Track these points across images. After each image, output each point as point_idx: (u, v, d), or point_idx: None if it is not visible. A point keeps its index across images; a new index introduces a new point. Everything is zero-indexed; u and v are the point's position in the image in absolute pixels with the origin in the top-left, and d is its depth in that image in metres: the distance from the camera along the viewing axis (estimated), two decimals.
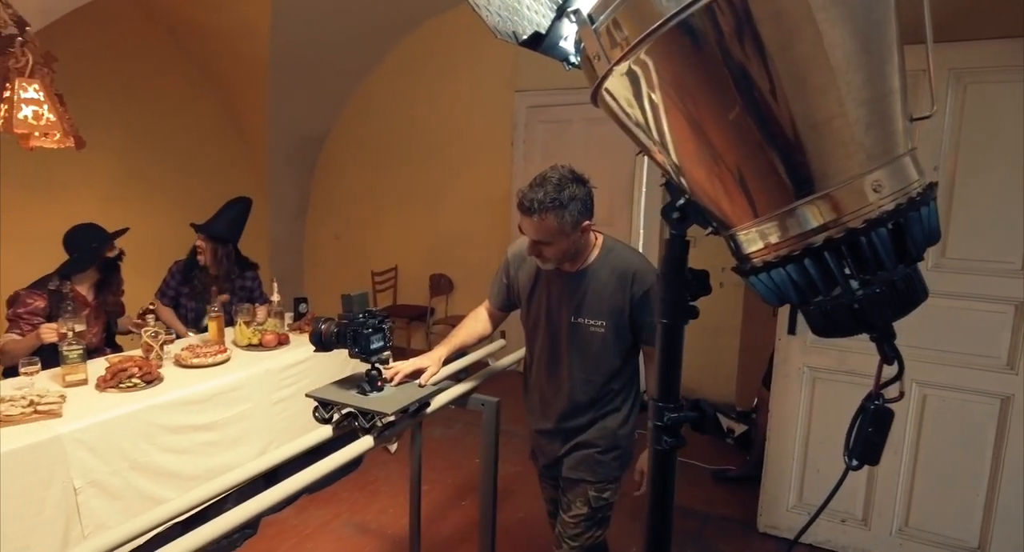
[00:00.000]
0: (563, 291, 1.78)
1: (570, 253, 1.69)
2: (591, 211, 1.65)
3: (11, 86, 2.01)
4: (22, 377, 2.36)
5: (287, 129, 5.39)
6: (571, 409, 1.84)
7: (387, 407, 1.62)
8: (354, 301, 1.73)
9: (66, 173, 4.20)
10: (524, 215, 1.62)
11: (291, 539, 2.73)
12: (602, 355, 1.77)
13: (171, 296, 3.36)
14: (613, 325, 1.73)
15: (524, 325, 1.94)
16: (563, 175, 1.60)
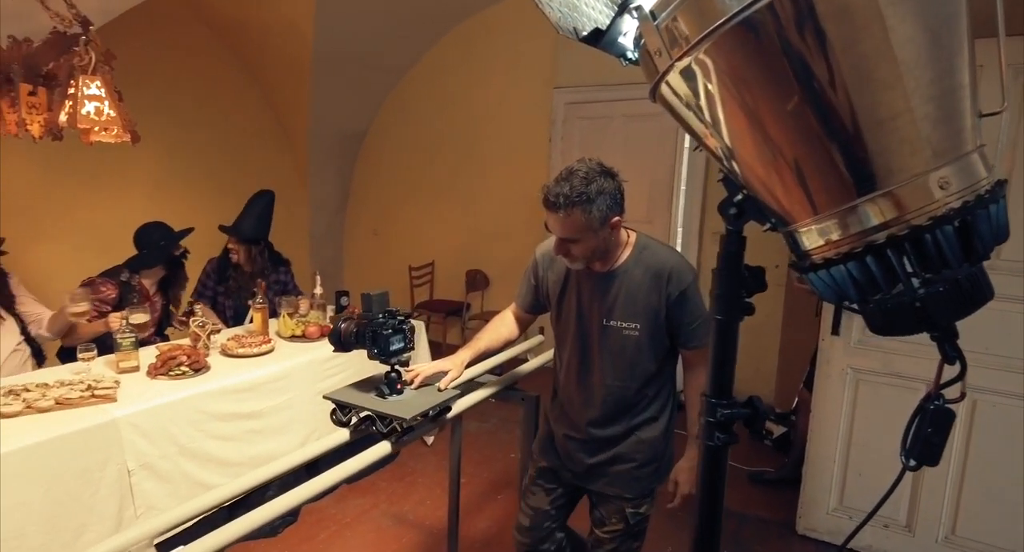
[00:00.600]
0: (594, 292, 1.69)
1: (600, 251, 1.59)
2: (621, 206, 1.55)
3: (75, 83, 2.10)
4: (79, 362, 2.46)
5: (328, 126, 5.48)
6: (603, 417, 1.75)
7: (405, 412, 1.56)
8: (374, 300, 1.66)
9: (117, 167, 4.33)
10: (550, 211, 1.53)
11: (331, 527, 2.79)
12: (636, 360, 1.68)
13: (209, 296, 3.44)
14: (648, 327, 1.64)
15: (554, 328, 1.86)
16: (591, 168, 1.51)
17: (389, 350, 1.63)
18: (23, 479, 1.90)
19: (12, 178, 3.83)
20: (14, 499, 1.88)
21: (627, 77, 4.43)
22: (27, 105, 2.16)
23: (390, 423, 1.56)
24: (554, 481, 1.90)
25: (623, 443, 1.75)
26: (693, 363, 1.70)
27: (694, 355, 1.68)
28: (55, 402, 2.14)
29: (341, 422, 1.67)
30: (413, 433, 1.64)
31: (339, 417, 1.68)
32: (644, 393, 1.72)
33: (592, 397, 1.75)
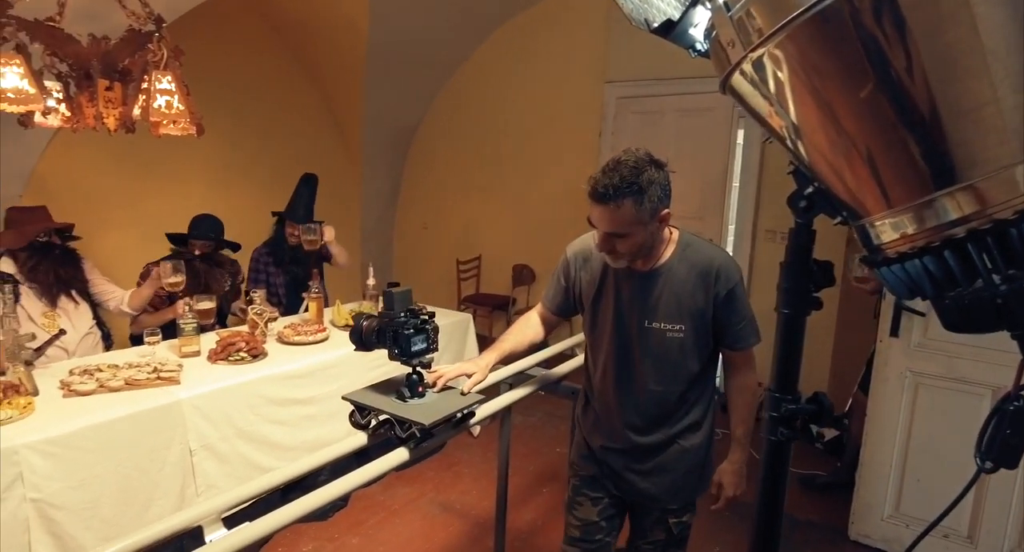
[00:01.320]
0: (635, 293, 1.59)
1: (646, 247, 1.51)
2: (669, 196, 1.48)
3: (148, 78, 2.19)
4: (145, 345, 2.58)
5: (381, 121, 5.57)
6: (644, 424, 1.66)
7: (425, 417, 1.48)
8: (396, 298, 1.56)
9: (180, 160, 4.50)
10: (596, 203, 1.44)
11: (379, 513, 2.85)
12: (680, 362, 1.60)
13: (263, 280, 3.54)
14: (693, 329, 1.56)
15: (587, 332, 1.75)
16: (639, 158, 1.43)
17: (410, 351, 1.54)
18: (97, 454, 2.01)
19: (84, 170, 4.02)
20: (89, 472, 1.99)
21: (680, 71, 4.41)
22: (104, 99, 2.26)
23: (409, 428, 1.49)
24: (599, 490, 1.79)
25: (665, 452, 1.67)
26: (738, 364, 1.64)
27: (739, 356, 1.63)
28: (124, 382, 2.24)
29: (359, 425, 1.59)
30: (433, 439, 1.55)
31: (357, 419, 1.60)
32: (686, 397, 1.64)
33: (632, 403, 1.66)
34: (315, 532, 2.65)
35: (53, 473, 1.92)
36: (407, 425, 1.49)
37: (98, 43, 2.29)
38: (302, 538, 2.61)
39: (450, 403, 1.59)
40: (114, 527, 2.07)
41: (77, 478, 1.97)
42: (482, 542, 2.68)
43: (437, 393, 1.64)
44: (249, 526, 1.26)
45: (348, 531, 2.71)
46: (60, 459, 1.93)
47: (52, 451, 1.92)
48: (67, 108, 2.34)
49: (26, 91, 2.07)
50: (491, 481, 3.13)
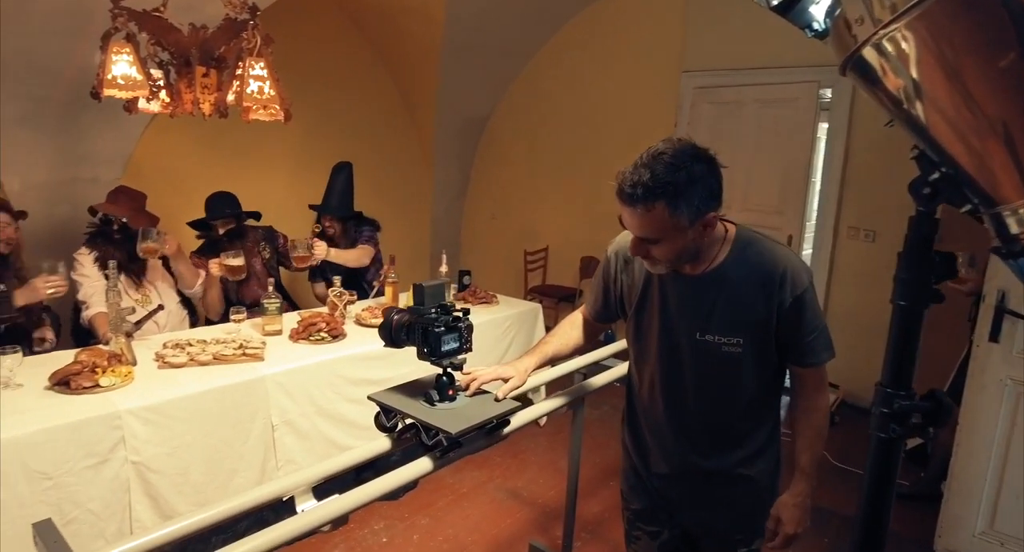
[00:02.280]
0: (684, 300, 1.39)
1: (688, 253, 1.30)
2: (719, 198, 1.25)
3: (243, 64, 2.28)
4: (231, 323, 2.69)
5: (453, 111, 5.62)
6: (697, 451, 1.46)
7: (453, 425, 1.35)
8: (427, 292, 1.44)
9: (263, 147, 4.67)
10: (624, 205, 1.24)
11: (448, 496, 2.90)
12: (739, 381, 1.38)
13: (318, 271, 3.62)
14: (753, 342, 1.34)
15: (630, 342, 1.56)
16: (679, 150, 1.21)
17: (440, 350, 1.41)
18: (189, 423, 2.12)
19: (174, 156, 4.22)
20: (181, 440, 2.10)
21: (761, 61, 4.27)
22: (201, 85, 2.37)
23: (435, 435, 1.36)
24: (655, 523, 1.61)
25: (724, 480, 1.47)
26: (807, 383, 1.42)
27: (809, 374, 1.40)
28: (213, 357, 2.35)
29: (384, 427, 1.49)
30: (462, 450, 1.42)
31: (383, 421, 1.49)
32: (747, 420, 1.44)
33: (684, 426, 1.47)
34: (386, 511, 2.71)
35: (151, 438, 2.04)
36: (433, 432, 1.36)
37: (197, 32, 2.40)
38: (374, 516, 2.68)
39: (482, 410, 1.44)
40: (202, 493, 2.18)
41: (171, 445, 2.08)
42: (549, 531, 2.68)
43: (469, 397, 1.49)
44: (338, 498, 1.29)
45: (417, 511, 2.77)
46: (157, 426, 2.05)
47: (150, 418, 2.03)
48: (167, 94, 2.46)
49: (133, 78, 2.18)
50: (557, 471, 3.15)
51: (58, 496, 1.87)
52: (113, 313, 2.30)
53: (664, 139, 1.27)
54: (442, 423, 1.35)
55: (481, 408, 1.45)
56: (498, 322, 3.28)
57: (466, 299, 3.41)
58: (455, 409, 1.43)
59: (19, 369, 2.09)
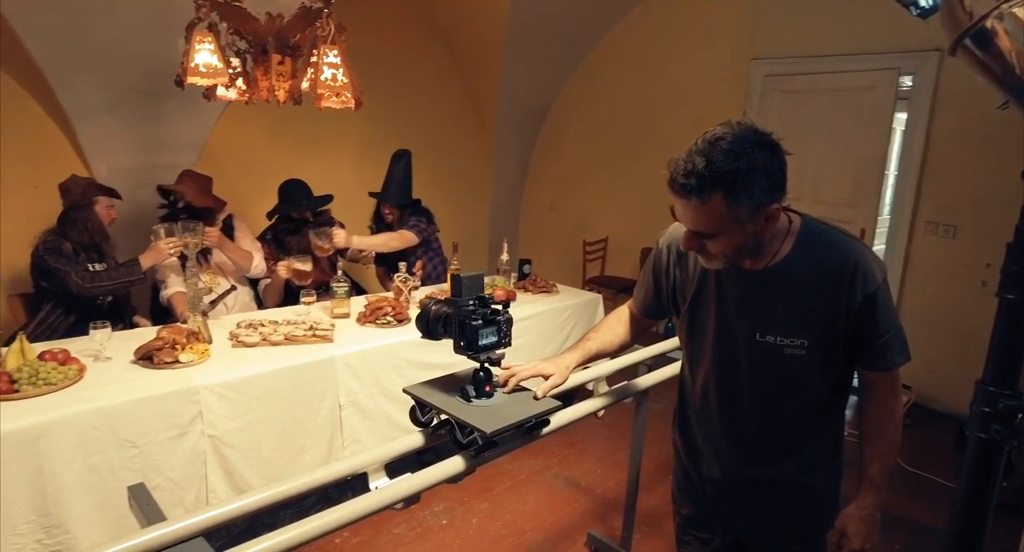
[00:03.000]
0: (743, 297, 1.28)
1: (748, 248, 1.19)
2: (783, 188, 1.13)
3: (318, 52, 2.33)
4: (301, 306, 2.77)
5: (515, 100, 5.61)
6: (756, 457, 1.37)
7: (488, 423, 1.29)
8: (464, 283, 1.39)
9: (329, 135, 4.78)
10: (677, 196, 1.14)
11: (506, 483, 2.93)
12: (801, 385, 1.28)
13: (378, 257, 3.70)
14: (819, 344, 1.23)
15: (683, 341, 1.46)
16: (740, 135, 1.09)
17: (478, 344, 1.35)
18: (261, 400, 2.19)
19: (245, 143, 4.36)
20: (254, 416, 2.18)
21: (836, 47, 4.10)
22: (276, 73, 2.43)
23: (470, 433, 1.31)
24: (706, 530, 1.55)
25: (782, 489, 1.38)
26: (878, 388, 1.30)
27: (881, 379, 1.29)
28: (284, 337, 2.43)
29: (419, 422, 1.46)
30: (497, 449, 1.37)
31: (417, 416, 1.47)
32: (809, 426, 1.34)
33: (740, 431, 1.37)
34: (446, 493, 2.76)
35: (225, 414, 2.12)
36: (468, 430, 1.31)
37: (273, 20, 2.46)
38: (435, 498, 2.72)
39: (520, 408, 1.38)
40: (272, 468, 2.26)
41: (244, 421, 2.17)
42: (607, 521, 2.68)
43: (508, 394, 1.43)
44: (410, 477, 1.32)
45: (477, 495, 2.80)
46: (231, 402, 2.13)
47: (225, 394, 2.12)
48: (244, 82, 2.53)
49: (214, 66, 2.26)
50: (615, 462, 3.13)
51: (143, 464, 1.97)
52: (192, 293, 2.40)
53: (722, 122, 1.13)
54: (477, 421, 1.30)
55: (519, 406, 1.38)
56: (558, 311, 3.27)
57: (526, 288, 3.42)
58: (492, 406, 1.38)
59: (108, 343, 2.21)
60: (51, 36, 3.04)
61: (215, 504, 1.34)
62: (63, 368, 2.01)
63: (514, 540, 2.55)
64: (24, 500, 1.79)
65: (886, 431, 1.31)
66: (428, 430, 1.45)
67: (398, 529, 2.56)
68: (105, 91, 3.41)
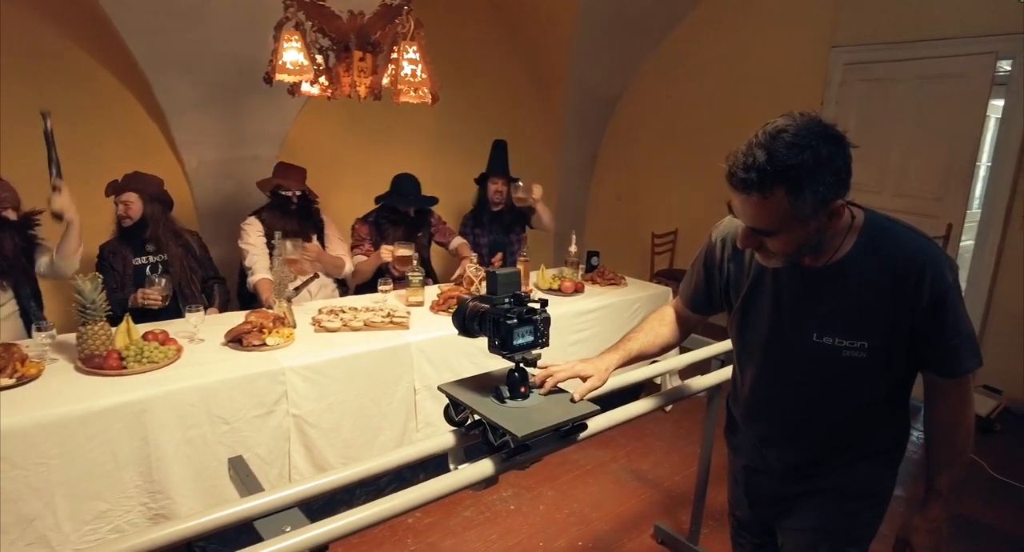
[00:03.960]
0: (800, 295, 1.22)
1: (810, 245, 1.13)
2: (847, 183, 1.08)
3: (398, 48, 2.40)
4: (379, 293, 2.88)
5: (585, 90, 5.59)
6: (806, 463, 1.33)
7: (521, 426, 1.24)
8: (500, 281, 1.34)
9: (403, 128, 4.89)
10: (736, 191, 1.09)
11: (572, 471, 2.96)
12: (860, 390, 1.22)
13: (468, 235, 3.83)
14: (880, 347, 1.17)
15: (733, 338, 1.41)
16: (803, 127, 1.04)
17: (512, 343, 1.31)
18: (342, 383, 2.30)
19: (323, 137, 4.52)
20: (335, 398, 2.29)
21: (925, 32, 3.90)
22: (358, 69, 2.53)
23: (503, 435, 1.27)
24: (758, 534, 1.54)
25: (838, 496, 1.33)
26: (947, 394, 1.23)
27: (951, 385, 1.22)
28: (364, 324, 2.53)
29: (453, 421, 1.43)
30: (530, 453, 1.32)
31: (451, 414, 1.44)
32: (867, 432, 1.29)
33: (792, 436, 1.33)
34: (513, 479, 2.81)
35: (309, 394, 2.24)
36: (500, 432, 1.27)
37: (355, 18, 2.55)
38: (502, 484, 2.77)
39: (556, 411, 1.33)
40: (351, 448, 2.37)
41: (326, 402, 2.28)
42: (674, 514, 2.67)
43: (544, 395, 1.38)
44: (486, 461, 1.34)
45: (543, 483, 2.85)
46: (314, 383, 2.24)
47: (309, 376, 2.23)
48: (326, 78, 2.64)
49: (301, 63, 2.37)
50: (683, 457, 3.12)
51: (233, 439, 2.11)
52: (278, 280, 2.53)
53: (784, 114, 1.08)
54: (509, 424, 1.25)
55: (554, 409, 1.33)
56: (627, 304, 3.27)
57: (594, 280, 3.43)
58: (526, 408, 1.33)
59: (201, 326, 2.36)
60: (151, 38, 3.25)
61: (301, 479, 1.41)
62: (164, 348, 2.16)
63: (580, 528, 2.58)
64: (132, 467, 1.95)
65: (955, 440, 1.25)
66: (461, 430, 1.42)
67: (467, 512, 2.64)
68: (197, 88, 3.61)
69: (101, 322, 2.13)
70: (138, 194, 2.84)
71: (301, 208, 3.20)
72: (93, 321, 2.11)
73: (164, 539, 1.12)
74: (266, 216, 3.15)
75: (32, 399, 1.86)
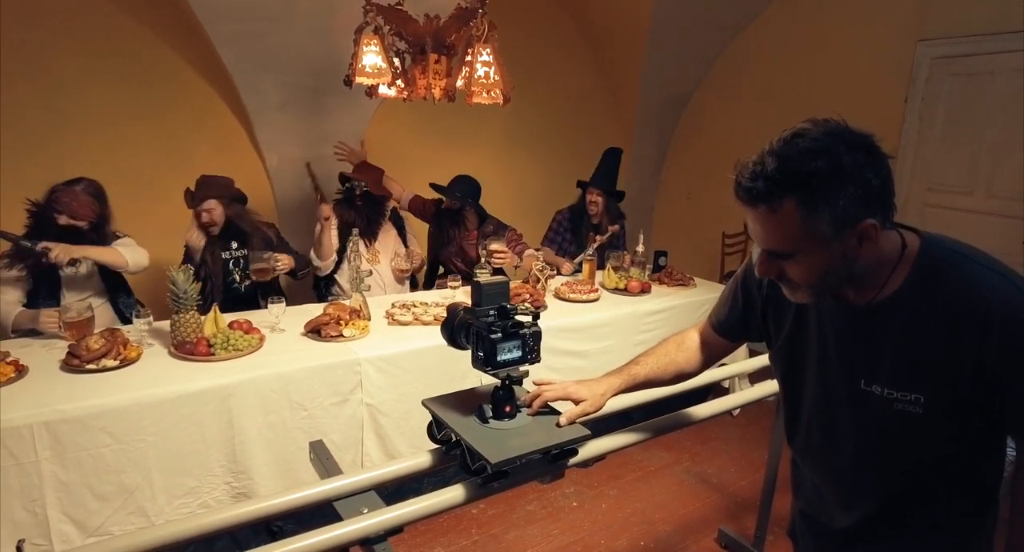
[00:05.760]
0: (844, 336, 1.06)
1: (837, 274, 0.97)
2: (883, 202, 0.92)
3: (472, 51, 2.46)
4: (448, 289, 2.96)
5: (656, 87, 5.53)
6: (866, 522, 1.14)
7: (498, 450, 1.14)
8: (484, 291, 1.24)
9: (470, 129, 4.97)
10: (743, 205, 0.97)
11: (635, 472, 2.96)
12: (919, 448, 1.03)
13: (557, 241, 3.85)
14: (941, 400, 0.97)
15: (777, 374, 1.24)
16: (825, 132, 0.92)
17: (497, 360, 1.21)
18: (412, 374, 2.39)
19: (396, 137, 4.65)
20: (406, 388, 2.38)
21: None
22: (433, 72, 2.60)
23: (478, 460, 1.17)
24: None
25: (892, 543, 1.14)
26: None
27: None
28: (434, 318, 2.61)
29: (434, 438, 1.35)
30: (509, 480, 1.20)
31: (434, 432, 1.36)
32: (936, 495, 1.07)
33: (843, 489, 1.16)
34: (576, 477, 2.84)
35: (382, 384, 2.33)
36: (477, 456, 1.17)
37: (431, 22, 2.63)
38: (565, 480, 2.80)
39: (540, 435, 1.22)
40: (419, 437, 2.41)
41: (398, 392, 2.36)
42: (738, 520, 2.64)
43: (532, 416, 1.28)
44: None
45: (606, 482, 2.86)
46: (387, 374, 2.33)
47: (382, 367, 2.32)
48: (402, 80, 2.73)
49: (379, 66, 2.46)
50: (749, 462, 3.07)
51: (311, 425, 2.22)
52: (354, 273, 2.63)
53: (809, 119, 0.96)
54: (486, 447, 1.15)
55: (539, 433, 1.23)
56: (695, 306, 3.23)
57: (661, 280, 3.41)
58: (508, 430, 1.23)
59: (282, 316, 2.49)
60: (239, 42, 3.43)
61: (372, 466, 1.48)
62: (248, 337, 2.30)
63: (643, 528, 2.58)
64: (218, 447, 2.08)
65: None
66: (443, 449, 1.33)
67: (530, 506, 2.68)
68: (280, 90, 3.78)
69: (192, 311, 2.28)
70: (217, 199, 2.94)
71: (367, 203, 3.30)
72: (185, 310, 2.26)
73: (250, 514, 1.21)
74: (336, 207, 3.30)
75: (133, 380, 2.02)
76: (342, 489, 1.27)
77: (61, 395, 1.88)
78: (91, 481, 1.89)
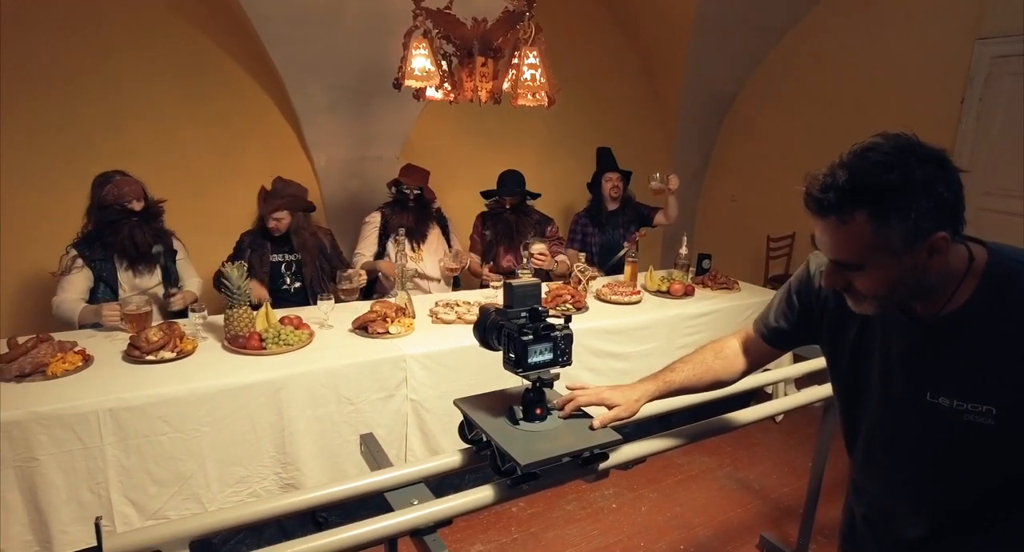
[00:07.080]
0: (910, 348, 1.05)
1: (907, 287, 0.97)
2: (954, 215, 0.92)
3: (519, 54, 2.48)
4: (490, 289, 2.99)
5: (700, 89, 5.47)
6: (929, 532, 1.12)
7: (528, 452, 1.15)
8: (516, 293, 1.26)
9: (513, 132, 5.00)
10: (814, 215, 0.97)
11: (676, 475, 2.94)
12: (989, 462, 1.01)
13: (579, 239, 3.91)
14: (1013, 413, 0.96)
15: (835, 385, 1.23)
16: (897, 145, 0.91)
17: (528, 362, 1.22)
18: (456, 372, 2.42)
19: (440, 138, 4.71)
20: (450, 386, 2.41)
21: None
22: (479, 74, 2.63)
23: (508, 461, 1.18)
24: None
25: None
26: None
27: None
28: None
29: (466, 438, 1.38)
30: (539, 482, 1.21)
31: (465, 432, 1.39)
32: (1007, 513, 1.05)
33: (914, 501, 1.13)
34: (616, 479, 2.84)
35: (426, 381, 2.37)
36: (507, 458, 1.18)
37: (479, 25, 2.66)
38: (605, 481, 2.81)
39: (571, 438, 1.22)
40: None
41: (441, 389, 2.40)
42: (780, 526, 2.60)
43: (563, 419, 1.29)
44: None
45: (646, 485, 2.86)
46: (431, 371, 2.38)
47: (426, 364, 2.37)
48: (449, 83, 2.77)
49: (428, 69, 2.50)
50: (792, 468, 3.02)
51: (357, 419, 2.28)
52: (400, 272, 2.69)
53: (880, 132, 0.95)
54: (516, 448, 1.16)
55: (570, 436, 1.23)
56: (739, 310, 3.20)
57: (705, 283, 3.38)
58: (538, 433, 1.24)
59: (331, 313, 2.55)
60: (290, 45, 3.53)
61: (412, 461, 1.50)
62: (298, 332, 2.37)
63: (682, 532, 2.57)
64: (268, 439, 2.15)
65: None
66: (473, 449, 1.36)
67: (570, 506, 2.69)
68: (328, 92, 3.87)
69: (244, 306, 2.36)
70: (290, 211, 3.03)
71: (419, 205, 3.37)
72: (238, 305, 2.34)
73: (302, 504, 1.25)
74: (387, 211, 3.36)
75: (189, 372, 2.10)
76: (393, 481, 1.30)
77: (124, 384, 1.98)
78: (150, 467, 1.98)
